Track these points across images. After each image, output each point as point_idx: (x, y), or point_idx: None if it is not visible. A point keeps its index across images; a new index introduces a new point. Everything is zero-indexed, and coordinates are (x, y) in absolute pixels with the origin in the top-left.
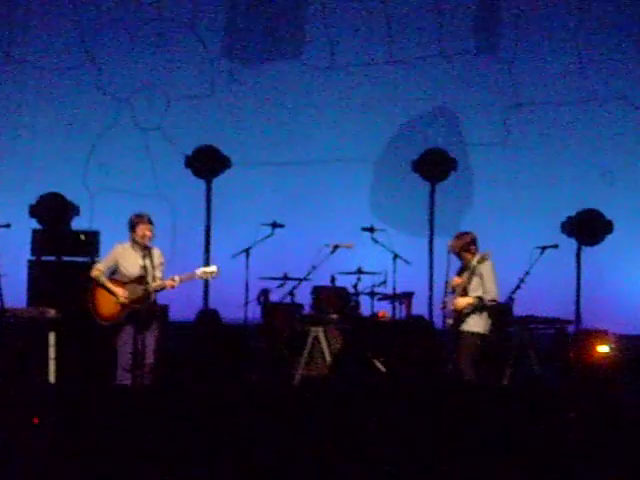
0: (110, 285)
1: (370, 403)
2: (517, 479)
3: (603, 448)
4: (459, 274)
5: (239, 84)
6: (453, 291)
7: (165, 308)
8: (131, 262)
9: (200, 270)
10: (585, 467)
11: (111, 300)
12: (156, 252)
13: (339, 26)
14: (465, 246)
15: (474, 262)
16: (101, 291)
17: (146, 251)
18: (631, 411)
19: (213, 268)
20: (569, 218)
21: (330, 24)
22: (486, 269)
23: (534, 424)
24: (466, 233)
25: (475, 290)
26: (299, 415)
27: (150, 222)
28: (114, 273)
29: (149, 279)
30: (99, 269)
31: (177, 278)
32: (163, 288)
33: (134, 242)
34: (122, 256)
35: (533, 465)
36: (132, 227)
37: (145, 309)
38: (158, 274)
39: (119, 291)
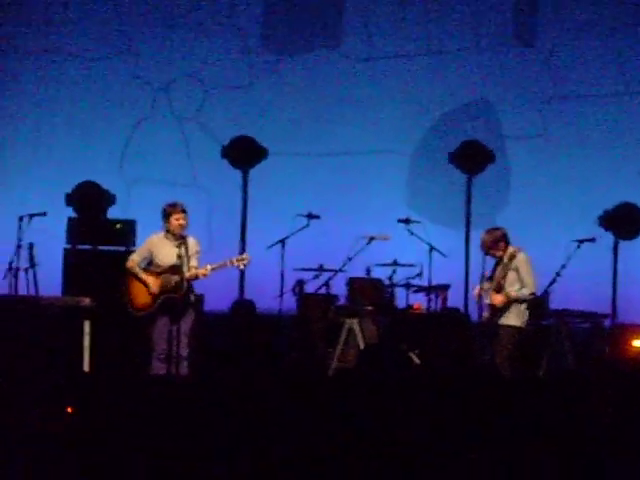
0: (142, 275)
1: (403, 394)
2: (548, 470)
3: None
4: (494, 269)
5: (277, 75)
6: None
7: (200, 298)
8: (165, 252)
9: (232, 258)
10: (617, 460)
11: (144, 290)
12: (192, 241)
13: (377, 17)
14: (494, 243)
15: (505, 259)
16: (135, 282)
17: (181, 240)
18: None
19: (244, 256)
20: (606, 212)
21: (368, 15)
22: (522, 263)
23: (568, 416)
24: (496, 229)
25: (511, 285)
26: (333, 405)
27: (183, 211)
28: (150, 264)
29: (184, 268)
30: (133, 260)
31: (209, 267)
32: (197, 277)
33: (168, 232)
34: (156, 246)
35: (564, 455)
36: (166, 217)
37: (180, 298)
38: (194, 263)
39: (150, 280)
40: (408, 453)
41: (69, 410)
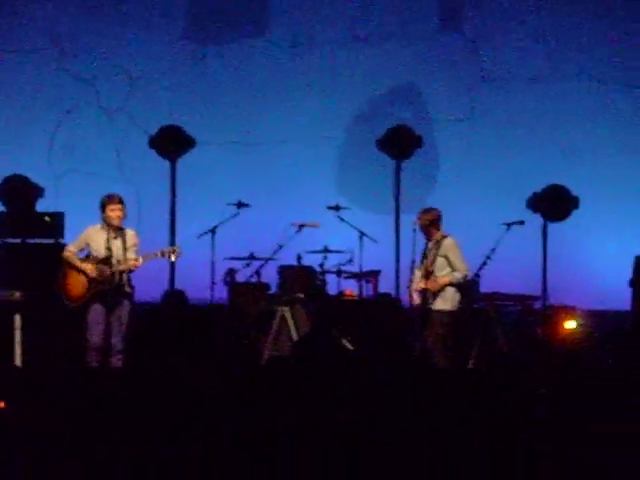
0: (79, 263)
1: (335, 381)
2: (484, 456)
3: (572, 422)
4: (423, 255)
5: (203, 64)
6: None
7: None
8: (101, 243)
9: (163, 249)
10: (554, 445)
11: (80, 280)
12: (129, 233)
13: (301, 5)
14: (433, 221)
15: (431, 245)
16: (71, 272)
17: (118, 232)
18: (599, 383)
19: (175, 247)
20: (535, 194)
21: (293, 3)
22: (450, 248)
23: (502, 401)
24: (433, 208)
25: (440, 270)
26: (267, 394)
27: (120, 202)
28: (89, 257)
29: (115, 260)
30: (70, 250)
31: (140, 258)
32: (129, 269)
33: (105, 223)
34: (92, 238)
35: (500, 442)
36: (102, 207)
37: (113, 290)
38: (131, 255)
39: (88, 267)
40: (340, 441)
41: (1, 405)
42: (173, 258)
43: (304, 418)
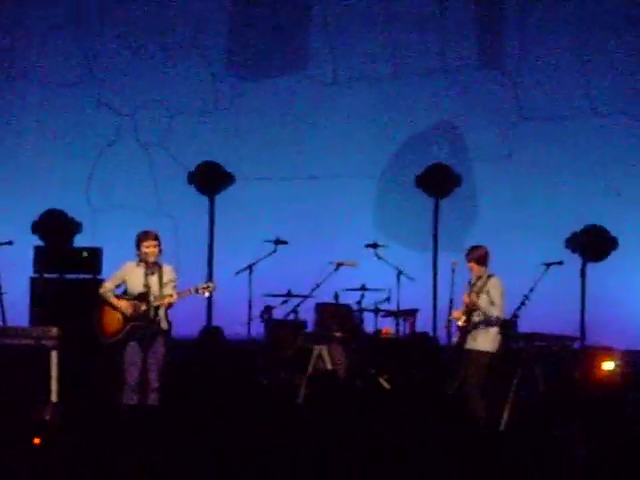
0: (114, 300)
1: (372, 420)
2: None
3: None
4: (468, 293)
5: (242, 100)
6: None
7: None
8: (137, 280)
9: (197, 286)
10: None
11: (115, 317)
12: (166, 269)
13: (342, 41)
14: (481, 257)
15: (480, 281)
16: (107, 309)
17: (154, 268)
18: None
19: (210, 283)
20: (573, 234)
21: (333, 39)
22: (494, 286)
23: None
24: (481, 246)
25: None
26: (304, 432)
27: (155, 239)
28: (125, 293)
29: (151, 297)
30: (106, 286)
31: (174, 294)
32: (165, 305)
33: (141, 260)
34: (129, 274)
35: None
36: (137, 244)
37: (148, 327)
38: (168, 291)
39: (123, 304)
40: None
41: (36, 441)
42: (207, 294)
43: (341, 457)
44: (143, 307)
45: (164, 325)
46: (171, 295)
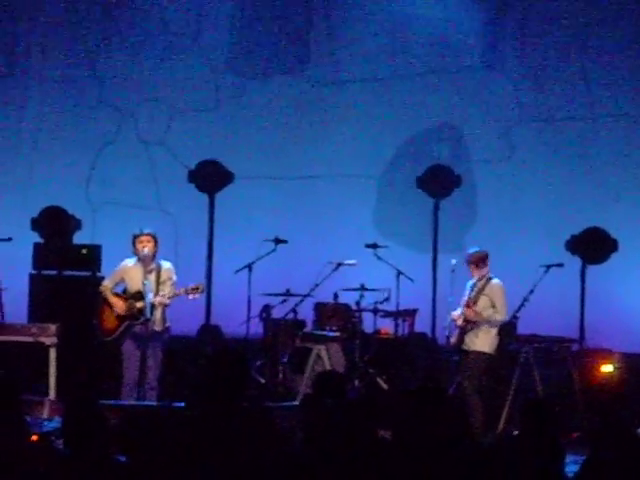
0: (110, 297)
1: (369, 419)
2: None
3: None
4: (469, 296)
5: (243, 98)
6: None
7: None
8: (135, 278)
9: (187, 287)
10: None
11: (112, 315)
12: (164, 267)
13: (343, 41)
14: (482, 260)
15: (484, 276)
16: (105, 307)
17: (152, 266)
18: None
19: (198, 285)
20: (573, 236)
21: (334, 39)
22: (498, 292)
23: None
24: (481, 250)
25: (483, 309)
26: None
27: (149, 236)
28: (125, 291)
29: (149, 295)
30: (105, 285)
31: (166, 296)
32: (159, 304)
33: (138, 258)
34: (127, 272)
35: None
36: (132, 242)
37: (144, 325)
38: (166, 289)
39: (118, 304)
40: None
41: (34, 439)
42: (196, 296)
43: (340, 458)
44: (138, 305)
45: (162, 325)
46: (162, 295)
